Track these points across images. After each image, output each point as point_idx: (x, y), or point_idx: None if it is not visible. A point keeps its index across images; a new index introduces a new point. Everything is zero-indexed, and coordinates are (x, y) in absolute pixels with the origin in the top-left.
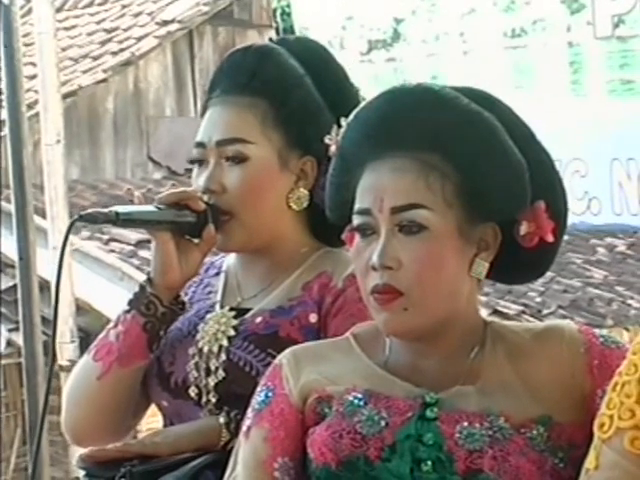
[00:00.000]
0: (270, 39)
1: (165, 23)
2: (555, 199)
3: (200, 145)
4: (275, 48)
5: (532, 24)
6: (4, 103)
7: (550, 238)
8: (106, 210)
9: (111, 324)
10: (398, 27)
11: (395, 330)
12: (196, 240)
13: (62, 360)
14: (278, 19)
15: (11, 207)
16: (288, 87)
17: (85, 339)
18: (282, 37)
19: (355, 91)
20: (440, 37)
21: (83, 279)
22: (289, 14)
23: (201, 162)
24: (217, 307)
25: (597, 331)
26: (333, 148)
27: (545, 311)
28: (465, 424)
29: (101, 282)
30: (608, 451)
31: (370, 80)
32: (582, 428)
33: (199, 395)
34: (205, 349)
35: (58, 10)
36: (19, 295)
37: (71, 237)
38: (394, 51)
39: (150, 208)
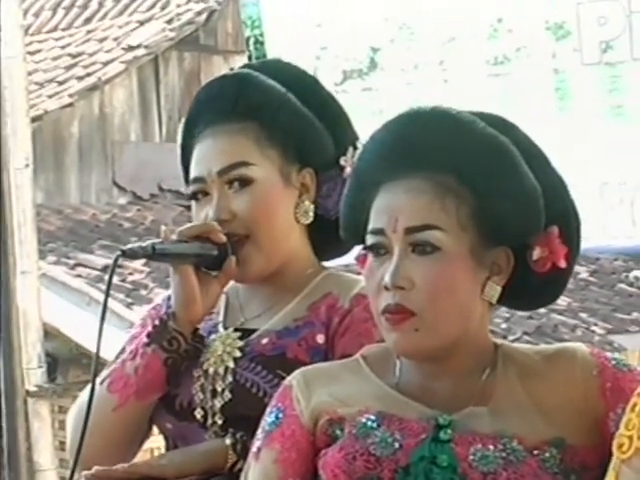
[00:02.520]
0: (232, 69)
1: (131, 48)
2: (568, 224)
3: (199, 180)
4: (250, 72)
5: (516, 51)
6: None
7: (563, 263)
8: (144, 244)
9: (126, 355)
10: (375, 56)
11: (405, 350)
12: (214, 272)
13: (29, 386)
14: (251, 47)
15: None
16: (275, 106)
17: (53, 364)
18: (247, 63)
19: (333, 97)
20: (419, 66)
21: (50, 304)
22: (262, 43)
23: (198, 197)
24: (220, 327)
25: (609, 354)
26: (348, 170)
27: (510, 337)
28: (479, 446)
29: (68, 307)
30: (628, 471)
31: (345, 110)
32: (594, 451)
33: (205, 417)
34: (210, 371)
35: None
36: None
37: (39, 262)
38: (370, 80)
39: (179, 242)
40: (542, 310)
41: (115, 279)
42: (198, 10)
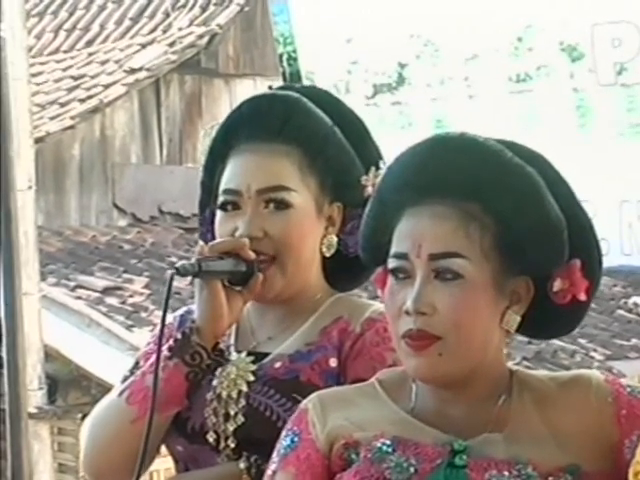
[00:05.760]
0: (270, 87)
1: (133, 71)
2: (590, 258)
3: (234, 192)
4: (299, 96)
5: (536, 69)
6: None
7: (583, 297)
8: (192, 262)
9: (146, 368)
10: (403, 71)
11: (426, 375)
12: (237, 287)
13: (30, 407)
14: (284, 64)
15: None
16: (323, 136)
17: (53, 386)
18: (286, 85)
19: (372, 136)
20: (445, 81)
21: (51, 325)
22: (295, 59)
23: (227, 208)
24: (232, 350)
25: (624, 381)
26: (369, 189)
27: (510, 362)
28: (494, 472)
29: (69, 329)
30: None
31: (376, 123)
32: (609, 477)
33: (217, 440)
34: (224, 394)
35: None
36: (4, 340)
37: (41, 284)
38: (399, 95)
39: (216, 258)
40: None
41: (115, 301)
42: (200, 33)
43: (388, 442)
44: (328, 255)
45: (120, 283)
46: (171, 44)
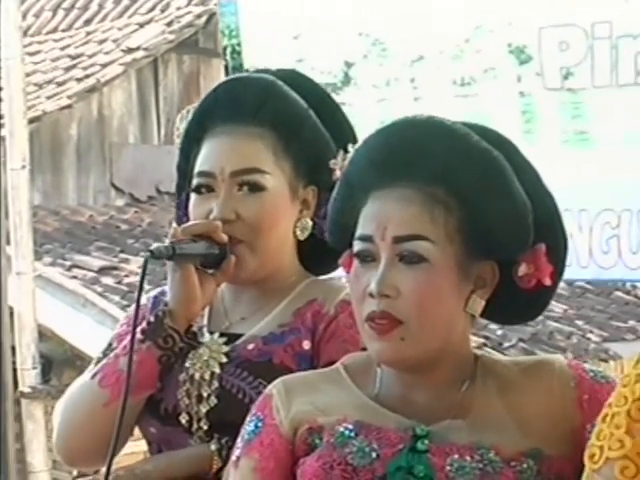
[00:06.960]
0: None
1: (130, 50)
2: (556, 243)
3: (208, 175)
4: (275, 80)
5: (483, 72)
6: None
7: (548, 281)
8: (167, 245)
9: (119, 350)
10: (349, 71)
11: (389, 359)
12: (209, 270)
13: (23, 387)
14: (228, 57)
15: None
16: (298, 120)
17: (47, 365)
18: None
19: (348, 121)
20: (391, 82)
21: (46, 305)
22: (239, 53)
23: (201, 191)
24: (204, 331)
25: (587, 366)
26: (338, 173)
27: (506, 344)
28: (456, 457)
29: (64, 308)
30: None
31: None
32: (571, 461)
33: (190, 422)
34: (196, 376)
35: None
36: None
37: (35, 263)
38: (344, 95)
39: (189, 241)
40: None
41: (110, 281)
42: (198, 13)
43: (350, 426)
44: (302, 238)
45: (116, 263)
46: (169, 23)
